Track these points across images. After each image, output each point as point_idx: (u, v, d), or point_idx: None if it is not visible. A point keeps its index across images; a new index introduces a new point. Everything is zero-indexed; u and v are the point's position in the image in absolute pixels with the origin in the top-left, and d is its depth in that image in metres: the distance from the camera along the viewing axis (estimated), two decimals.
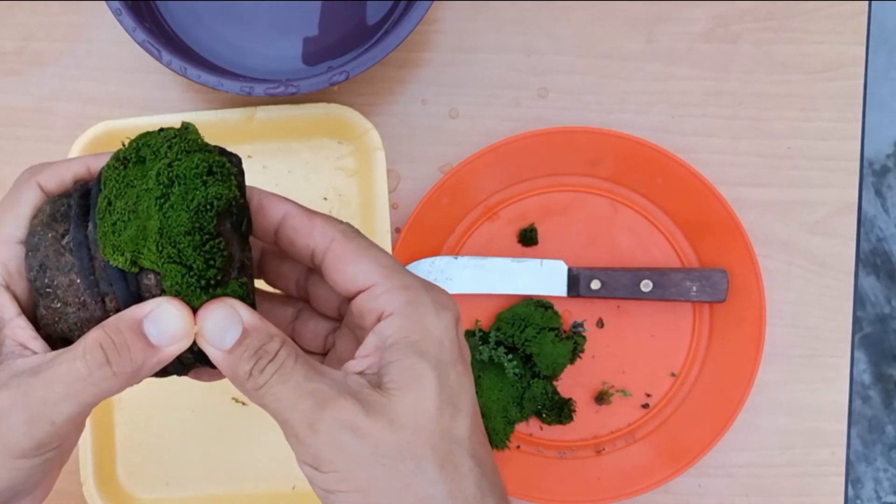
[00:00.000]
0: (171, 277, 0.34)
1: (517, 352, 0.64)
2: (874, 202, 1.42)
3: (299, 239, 0.37)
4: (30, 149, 0.66)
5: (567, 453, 0.65)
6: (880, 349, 1.40)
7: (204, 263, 0.34)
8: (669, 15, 0.66)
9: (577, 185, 0.66)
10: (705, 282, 0.63)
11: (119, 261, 0.34)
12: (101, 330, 0.34)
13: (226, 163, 0.35)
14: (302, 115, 0.63)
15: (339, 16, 0.64)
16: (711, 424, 0.63)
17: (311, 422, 0.33)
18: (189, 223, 0.33)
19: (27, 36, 0.66)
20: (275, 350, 0.34)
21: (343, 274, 0.36)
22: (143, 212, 0.34)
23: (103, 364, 0.33)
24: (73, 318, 0.36)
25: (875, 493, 1.39)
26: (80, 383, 0.33)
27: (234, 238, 0.35)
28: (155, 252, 0.33)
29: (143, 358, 0.34)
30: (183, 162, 0.34)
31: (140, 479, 0.65)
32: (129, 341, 0.34)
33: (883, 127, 1.42)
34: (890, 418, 1.39)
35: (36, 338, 0.36)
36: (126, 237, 0.34)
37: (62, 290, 0.35)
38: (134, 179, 0.35)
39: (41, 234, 0.36)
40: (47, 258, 0.35)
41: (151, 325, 0.34)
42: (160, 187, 0.34)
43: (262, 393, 0.34)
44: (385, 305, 0.35)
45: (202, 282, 0.34)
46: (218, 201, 0.34)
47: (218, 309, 0.34)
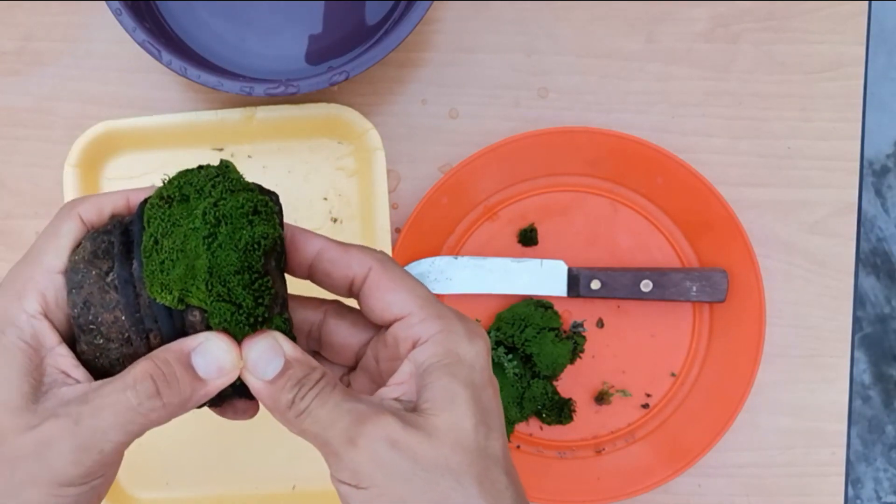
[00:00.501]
0: (219, 315, 0.35)
1: (517, 352, 0.64)
2: (874, 202, 1.42)
3: (337, 270, 0.38)
4: (30, 149, 0.66)
5: (567, 453, 0.65)
6: (880, 349, 1.40)
7: (253, 301, 0.35)
8: (669, 15, 0.66)
9: (577, 185, 0.66)
10: (705, 282, 0.63)
11: (167, 299, 0.35)
12: (151, 361, 0.34)
13: (268, 201, 0.37)
14: (302, 115, 0.63)
15: (340, 16, 0.64)
16: (711, 424, 0.63)
17: (350, 436, 0.34)
18: (238, 262, 0.34)
19: (27, 36, 0.66)
20: (315, 379, 0.35)
21: (380, 302, 0.37)
22: (192, 251, 0.35)
23: (153, 395, 0.34)
24: (116, 353, 0.36)
25: (875, 493, 1.39)
26: (129, 413, 0.34)
27: (277, 275, 0.36)
28: (204, 291, 0.34)
29: (191, 390, 0.35)
30: (228, 201, 0.35)
31: (140, 479, 0.65)
32: (179, 373, 0.34)
33: (883, 127, 1.42)
34: (890, 418, 1.39)
35: (78, 366, 0.36)
36: (175, 276, 0.34)
37: (106, 327, 0.36)
38: (180, 218, 0.35)
39: (84, 271, 0.36)
40: (91, 295, 0.36)
41: (200, 359, 0.35)
42: (207, 227, 0.35)
43: (303, 418, 0.35)
44: (420, 333, 0.36)
45: (251, 319, 0.35)
46: (265, 240, 0.35)
47: (262, 341, 0.35)
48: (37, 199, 0.66)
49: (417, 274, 0.64)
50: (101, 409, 0.34)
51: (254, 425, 0.65)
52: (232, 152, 0.65)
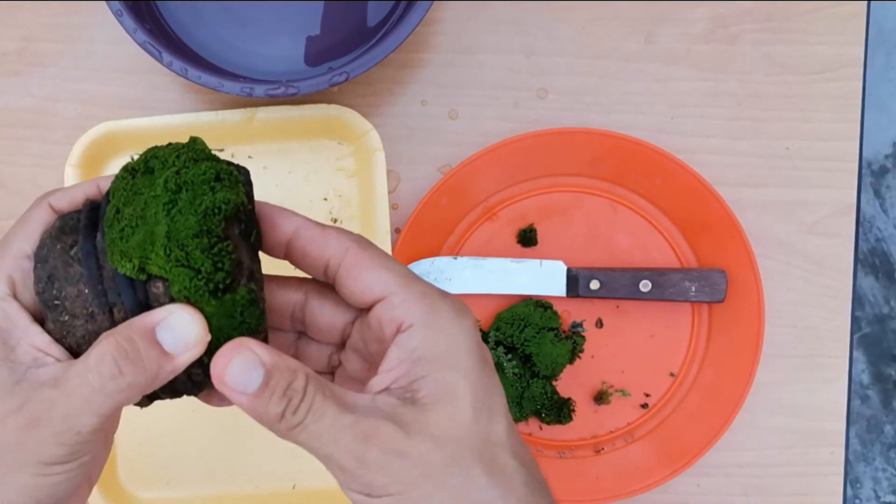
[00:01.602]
0: (179, 282, 0.33)
1: (516, 352, 0.64)
2: (873, 202, 1.42)
3: (314, 250, 0.37)
4: (31, 149, 0.66)
5: (566, 453, 0.66)
6: (879, 349, 1.40)
7: (212, 266, 0.34)
8: (668, 16, 0.66)
9: (576, 185, 0.66)
10: (704, 282, 0.63)
11: (127, 267, 0.34)
12: (113, 338, 0.33)
13: (233, 171, 0.36)
14: (302, 116, 0.63)
15: (340, 17, 0.64)
16: (710, 424, 0.63)
17: (358, 455, 0.33)
18: (197, 226, 0.33)
19: (28, 37, 0.66)
20: (302, 387, 0.34)
21: (359, 283, 0.36)
22: (151, 217, 0.34)
23: (116, 375, 0.33)
24: (82, 330, 0.35)
25: (874, 493, 1.39)
26: (95, 395, 0.33)
27: (242, 245, 0.35)
28: (163, 256, 0.33)
29: (157, 367, 0.34)
30: (191, 169, 0.35)
31: (140, 479, 0.65)
32: (143, 350, 0.33)
33: (881, 127, 1.42)
34: (888, 418, 1.39)
35: (52, 343, 0.36)
36: (134, 242, 0.34)
37: (70, 302, 0.35)
38: (142, 188, 0.35)
39: (49, 245, 0.36)
40: (55, 269, 0.35)
41: (165, 333, 0.33)
42: (168, 193, 0.34)
43: (298, 431, 0.34)
44: (404, 315, 0.35)
45: (210, 285, 0.34)
46: (226, 205, 0.34)
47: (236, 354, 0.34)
48: None
49: (417, 274, 0.64)
50: (69, 394, 0.33)
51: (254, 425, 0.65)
52: (232, 153, 0.65)
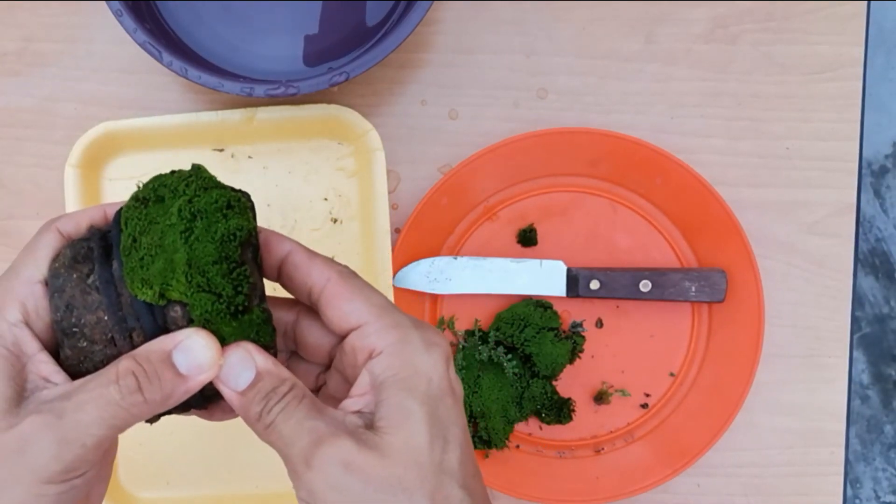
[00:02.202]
0: (200, 306, 0.35)
1: (516, 352, 0.64)
2: (873, 202, 1.42)
3: (299, 276, 0.39)
4: (31, 149, 0.66)
5: (566, 453, 0.66)
6: (879, 349, 1.40)
7: (233, 290, 0.35)
8: (669, 16, 0.66)
9: (576, 185, 0.66)
10: (704, 282, 0.63)
11: (148, 294, 0.35)
12: (133, 359, 0.35)
13: (241, 197, 0.37)
14: (302, 116, 0.63)
15: (339, 17, 0.64)
16: (710, 424, 0.63)
17: (306, 457, 0.34)
18: (216, 253, 0.35)
19: (28, 37, 0.66)
20: (283, 393, 0.36)
21: (337, 311, 0.38)
22: (169, 245, 0.35)
23: (135, 391, 0.35)
24: (100, 356, 0.37)
25: (874, 493, 1.39)
26: (112, 407, 0.34)
27: (254, 267, 0.37)
28: (184, 283, 0.35)
29: (172, 387, 0.35)
30: (202, 197, 0.36)
31: (140, 479, 0.65)
32: (160, 371, 0.35)
33: (881, 128, 1.42)
34: (888, 418, 1.39)
35: (59, 371, 0.37)
36: (154, 271, 0.35)
37: (89, 329, 0.36)
38: (156, 216, 0.36)
39: (65, 275, 0.37)
40: (73, 298, 0.36)
41: (181, 356, 0.35)
42: (183, 222, 0.35)
43: (269, 431, 0.36)
44: (376, 343, 0.37)
45: (231, 308, 0.36)
46: (240, 231, 0.36)
47: (234, 353, 0.36)
48: (38, 200, 0.66)
49: (417, 274, 0.64)
50: (84, 403, 0.34)
51: None
52: (232, 153, 0.65)
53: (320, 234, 0.65)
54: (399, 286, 0.64)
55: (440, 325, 0.66)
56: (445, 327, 0.66)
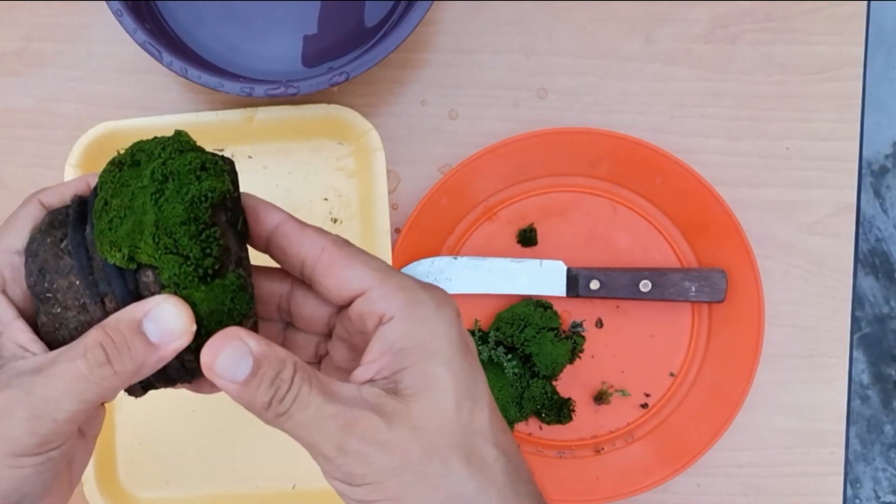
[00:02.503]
0: (168, 269, 0.34)
1: (516, 352, 0.64)
2: (873, 202, 1.42)
3: (290, 247, 0.38)
4: (31, 149, 0.66)
5: (566, 453, 0.66)
6: (879, 349, 1.40)
7: (200, 252, 0.34)
8: (668, 16, 0.66)
9: (576, 185, 0.66)
10: (704, 282, 0.63)
11: (116, 257, 0.35)
12: (101, 329, 0.34)
13: (218, 160, 0.36)
14: (302, 116, 0.63)
15: (339, 16, 0.64)
16: (710, 424, 0.63)
17: (339, 444, 0.34)
18: (184, 213, 0.34)
19: (28, 37, 0.66)
20: (290, 377, 0.34)
21: (336, 280, 0.37)
22: (139, 207, 0.35)
23: (104, 363, 0.34)
24: (74, 322, 0.36)
25: (874, 493, 1.39)
26: (81, 382, 0.34)
27: (230, 232, 0.36)
28: (152, 244, 0.34)
29: (143, 356, 0.34)
30: (177, 160, 0.35)
31: (140, 479, 0.65)
32: (129, 340, 0.34)
33: (881, 128, 1.42)
34: (888, 418, 1.39)
35: (35, 340, 0.36)
36: (123, 232, 0.34)
37: (62, 294, 0.36)
38: (129, 179, 0.36)
39: (40, 239, 0.37)
40: (46, 262, 0.36)
41: (151, 324, 0.34)
42: (155, 183, 0.35)
43: (283, 420, 0.34)
44: (385, 308, 0.36)
45: (199, 271, 0.34)
46: (212, 193, 0.35)
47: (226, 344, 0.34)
48: None
49: (417, 274, 0.64)
50: (53, 377, 0.34)
51: (254, 425, 0.65)
52: (232, 153, 0.65)
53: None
54: None
55: None
56: None
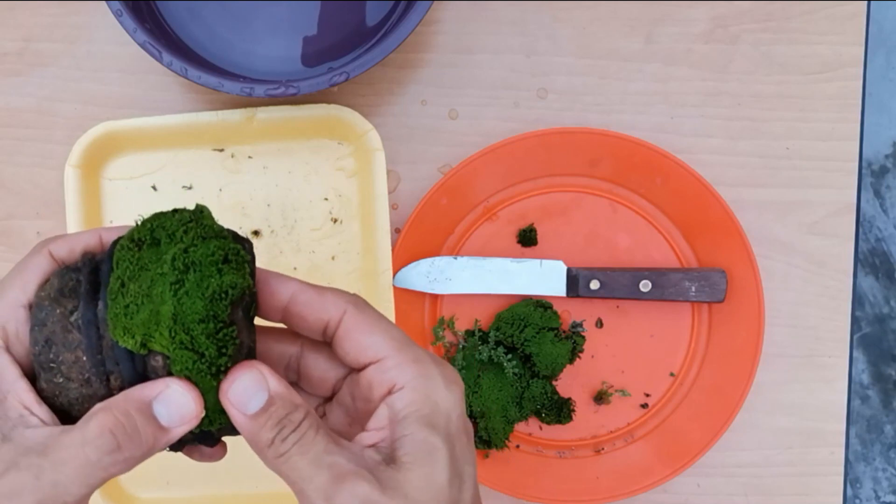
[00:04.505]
0: (181, 363, 0.34)
1: (516, 352, 0.64)
2: (873, 202, 1.42)
3: (311, 314, 0.38)
4: (31, 149, 0.66)
5: (566, 453, 0.66)
6: (879, 349, 1.40)
7: (216, 351, 0.34)
8: (668, 16, 0.66)
9: (576, 185, 0.66)
10: (704, 282, 0.63)
11: (129, 343, 0.34)
12: (111, 413, 0.34)
13: (240, 250, 0.36)
14: (302, 116, 0.63)
15: (339, 17, 0.64)
16: (710, 424, 0.63)
17: (328, 495, 0.34)
18: (203, 311, 0.34)
19: (28, 37, 0.66)
20: (298, 420, 0.34)
21: (356, 345, 0.37)
22: (157, 296, 0.34)
23: (114, 450, 0.34)
24: (75, 393, 0.35)
25: (874, 493, 1.39)
26: (89, 468, 0.33)
27: (244, 324, 0.36)
28: (167, 337, 0.34)
29: (152, 440, 0.34)
30: (199, 248, 0.35)
31: (140, 479, 0.65)
32: (140, 424, 0.34)
33: (881, 128, 1.42)
34: (888, 418, 1.39)
35: (39, 403, 0.36)
36: (138, 321, 0.34)
37: (66, 367, 0.35)
38: (149, 262, 0.35)
39: (49, 308, 0.36)
40: (54, 334, 0.35)
41: (162, 407, 0.34)
42: (175, 273, 0.34)
43: (282, 461, 0.34)
44: (396, 378, 0.36)
45: (213, 369, 0.34)
46: (233, 290, 0.34)
47: (247, 374, 0.35)
48: (38, 200, 0.66)
49: (417, 274, 0.64)
50: (61, 463, 0.33)
51: None
52: (232, 153, 0.65)
53: (320, 234, 0.65)
54: (399, 286, 0.64)
55: (440, 325, 0.66)
56: (446, 327, 0.66)
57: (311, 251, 0.65)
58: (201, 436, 0.37)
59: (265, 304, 0.38)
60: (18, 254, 0.66)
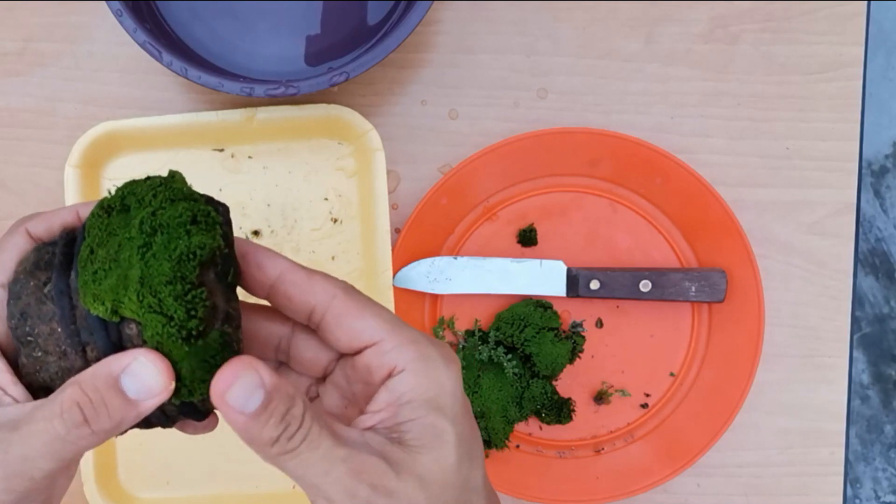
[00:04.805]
0: (151, 327, 0.33)
1: (516, 352, 0.64)
2: (873, 202, 1.42)
3: (298, 295, 0.37)
4: (31, 149, 0.66)
5: (566, 453, 0.66)
6: (879, 349, 1.40)
7: (185, 314, 0.33)
8: (668, 16, 0.66)
9: (576, 185, 0.66)
10: (704, 282, 0.64)
11: (99, 310, 0.33)
12: (77, 387, 0.33)
13: (211, 212, 0.35)
14: (302, 116, 0.63)
15: (340, 17, 0.64)
16: (710, 424, 0.63)
17: (350, 490, 0.34)
18: (170, 272, 0.33)
19: (28, 37, 0.66)
20: (300, 414, 0.34)
21: (348, 330, 0.36)
22: (125, 260, 0.33)
23: (81, 423, 0.33)
24: (55, 367, 0.35)
25: (874, 493, 1.39)
26: (58, 442, 0.33)
27: (218, 288, 0.34)
28: (135, 301, 0.33)
29: (121, 414, 0.34)
30: (167, 210, 0.34)
31: (140, 479, 0.65)
32: (107, 398, 0.33)
33: (881, 128, 1.42)
34: (888, 418, 1.39)
35: (16, 382, 0.36)
36: (107, 286, 0.33)
37: (43, 339, 0.35)
38: (117, 228, 0.34)
39: (23, 281, 0.35)
40: (29, 306, 0.35)
41: (129, 380, 0.33)
42: (143, 236, 0.33)
43: (288, 458, 0.34)
44: (396, 361, 0.36)
45: (183, 332, 0.33)
46: (201, 251, 0.33)
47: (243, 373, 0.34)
48: (38, 200, 0.66)
49: (417, 274, 0.64)
50: (30, 436, 0.33)
51: None
52: (232, 153, 0.65)
53: (320, 234, 0.65)
54: (399, 286, 0.64)
55: (440, 325, 0.66)
56: (446, 327, 0.66)
57: (311, 251, 0.65)
58: (184, 408, 0.36)
59: (251, 279, 0.37)
60: None
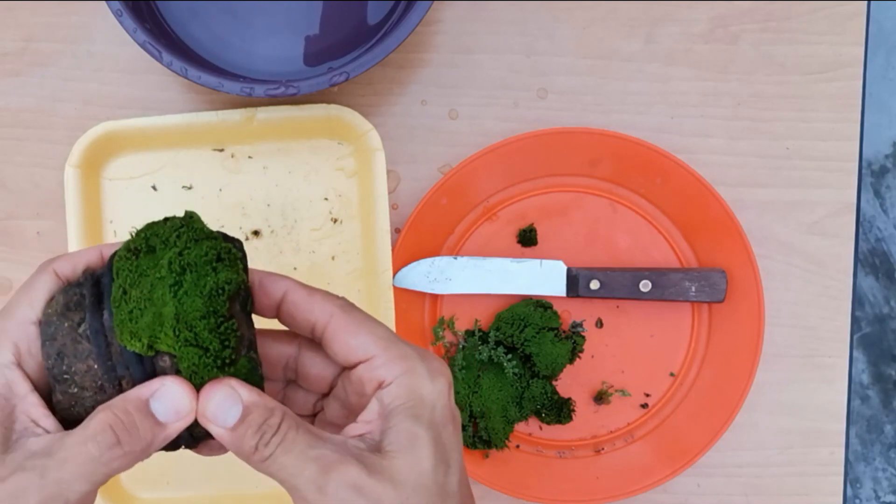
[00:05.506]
0: (188, 359, 0.36)
1: (516, 352, 0.64)
2: (873, 202, 1.42)
3: (300, 314, 0.40)
4: (31, 149, 0.66)
5: (566, 453, 0.66)
6: (879, 349, 1.40)
7: (220, 344, 0.36)
8: (668, 16, 0.66)
9: (576, 185, 0.66)
10: (704, 282, 0.64)
11: (137, 346, 0.36)
12: (110, 411, 0.36)
13: (231, 248, 0.38)
14: (302, 116, 0.63)
15: (340, 16, 0.64)
16: (710, 424, 0.63)
17: (318, 485, 0.35)
18: (203, 308, 0.36)
19: (28, 37, 0.66)
20: (276, 424, 0.36)
21: (343, 346, 0.39)
22: (159, 299, 0.36)
23: (114, 445, 0.35)
24: (90, 401, 0.37)
25: (874, 493, 1.39)
26: (91, 464, 0.35)
27: (242, 318, 0.37)
28: (172, 336, 0.36)
29: (151, 436, 0.36)
30: (193, 250, 0.37)
31: (140, 479, 0.65)
32: (138, 420, 0.36)
33: (881, 128, 1.42)
34: (888, 418, 1.39)
35: (48, 415, 0.37)
36: (143, 324, 0.36)
37: (80, 377, 0.37)
38: (147, 269, 0.37)
39: (57, 323, 0.37)
40: (65, 346, 0.37)
41: (158, 404, 0.36)
42: (173, 275, 0.36)
43: (268, 464, 0.36)
44: (385, 375, 0.38)
45: (218, 361, 0.36)
46: (228, 285, 0.36)
47: (218, 391, 0.37)
48: (38, 200, 0.66)
49: (417, 274, 0.64)
50: (64, 461, 0.35)
51: None
52: (232, 153, 0.65)
53: (320, 234, 0.65)
54: (399, 286, 0.64)
55: (440, 325, 0.66)
56: (446, 327, 0.66)
57: (311, 251, 0.65)
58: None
59: (260, 303, 0.40)
60: (18, 254, 0.66)
